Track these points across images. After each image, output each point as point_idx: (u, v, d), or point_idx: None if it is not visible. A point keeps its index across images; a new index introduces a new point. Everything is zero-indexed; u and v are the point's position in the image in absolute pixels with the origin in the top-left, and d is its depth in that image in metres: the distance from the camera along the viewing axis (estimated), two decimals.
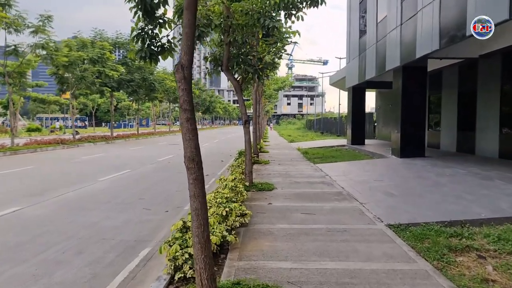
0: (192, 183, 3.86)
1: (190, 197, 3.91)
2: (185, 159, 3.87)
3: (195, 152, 3.85)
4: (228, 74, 10.16)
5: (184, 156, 3.87)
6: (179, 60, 3.99)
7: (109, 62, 29.22)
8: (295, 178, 12.61)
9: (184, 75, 3.86)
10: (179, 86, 3.85)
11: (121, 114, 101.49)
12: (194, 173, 3.85)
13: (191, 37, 3.90)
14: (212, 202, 6.74)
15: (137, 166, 16.64)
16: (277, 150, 25.05)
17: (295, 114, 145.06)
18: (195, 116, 4.02)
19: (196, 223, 3.80)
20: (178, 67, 3.88)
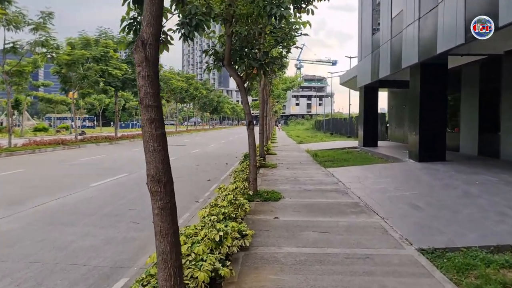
0: (158, 213, 2.71)
1: (155, 235, 2.77)
2: (148, 179, 2.73)
3: (163, 169, 2.71)
4: (230, 69, 9.01)
5: (147, 174, 2.73)
6: (140, 34, 2.85)
7: (113, 61, 28.20)
8: (305, 185, 11.42)
9: (146, 55, 2.73)
10: (138, 71, 2.74)
11: (130, 114, 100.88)
12: (161, 199, 2.71)
13: (158, 0, 2.76)
14: (205, 221, 5.58)
15: (135, 170, 15.55)
16: (285, 152, 23.86)
17: (304, 114, 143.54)
18: (162, 117, 2.88)
19: (163, 273, 2.65)
20: (138, 43, 2.74)
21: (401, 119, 29.54)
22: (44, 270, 5.23)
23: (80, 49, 26.50)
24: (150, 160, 2.74)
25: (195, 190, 11.35)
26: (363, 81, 25.24)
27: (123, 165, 17.26)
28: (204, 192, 10.99)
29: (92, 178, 13.11)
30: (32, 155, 21.19)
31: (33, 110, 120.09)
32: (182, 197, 10.24)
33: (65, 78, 27.60)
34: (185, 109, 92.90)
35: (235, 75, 9.11)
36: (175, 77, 44.29)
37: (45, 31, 20.76)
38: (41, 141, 24.67)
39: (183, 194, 10.76)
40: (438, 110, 16.02)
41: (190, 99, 60.31)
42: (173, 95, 47.67)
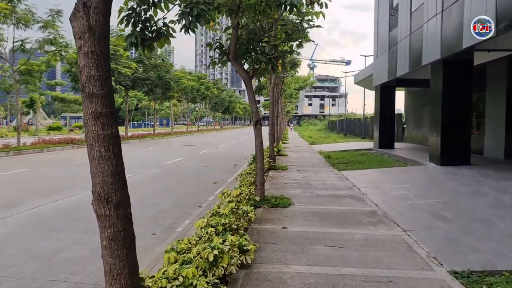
0: (107, 246, 2.01)
1: (104, 275, 2.01)
2: (93, 198, 1.96)
3: (114, 183, 1.97)
4: (236, 64, 8.23)
5: (92, 191, 1.96)
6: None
7: (122, 59, 27.65)
8: (317, 190, 10.58)
9: (89, 23, 1.99)
10: (79, 46, 2.00)
11: (142, 113, 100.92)
12: (111, 226, 1.99)
13: None
14: (201, 233, 4.81)
15: (140, 170, 14.87)
16: (297, 154, 23.01)
17: (317, 115, 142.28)
18: (114, 110, 2.12)
19: None
20: (78, 7, 1.97)
21: (419, 120, 28.48)
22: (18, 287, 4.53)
23: None
24: (95, 171, 2.01)
25: (199, 193, 10.61)
26: (379, 80, 24.26)
27: (129, 165, 16.44)
28: (209, 196, 10.23)
29: None
30: (39, 154, 20.73)
31: (49, 109, 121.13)
32: (185, 201, 9.52)
33: (75, 77, 27.13)
34: (197, 109, 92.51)
35: (241, 70, 8.33)
36: (186, 76, 43.65)
37: (53, 29, 20.29)
38: (50, 140, 24.27)
39: (186, 197, 10.05)
40: (462, 110, 15.03)
41: (201, 99, 59.72)
42: (184, 95, 47.05)
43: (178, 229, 7.07)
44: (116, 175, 2.06)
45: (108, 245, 2.01)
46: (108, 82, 2.11)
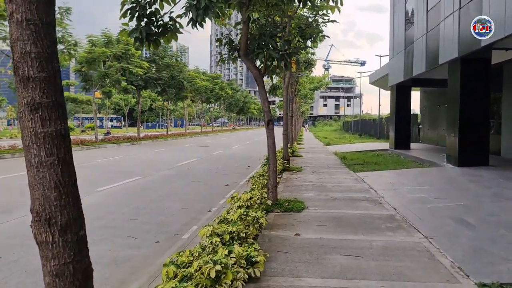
0: (50, 283, 1.53)
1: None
2: (32, 218, 1.60)
3: (58, 199, 1.57)
4: (246, 60, 7.88)
5: (31, 209, 1.61)
6: None
7: (134, 59, 27.51)
8: (332, 193, 10.17)
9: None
10: (10, 13, 1.63)
11: (157, 114, 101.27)
12: (55, 257, 1.60)
13: None
14: (205, 243, 4.46)
15: (150, 172, 14.62)
16: (311, 154, 22.56)
17: (332, 115, 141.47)
18: (61, 100, 1.76)
19: None
20: None
21: (435, 120, 27.80)
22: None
23: (101, 47, 25.89)
24: (34, 183, 1.63)
25: (210, 197, 10.28)
26: (395, 80, 23.69)
27: (139, 167, 16.38)
28: (220, 199, 9.89)
29: (100, 182, 12.22)
30: None
31: (70, 110, 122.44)
32: (194, 205, 9.20)
33: (86, 76, 27.10)
34: (211, 109, 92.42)
35: (252, 67, 7.97)
36: (199, 76, 43.43)
37: (62, 27, 20.12)
38: None
39: (196, 201, 9.72)
40: (480, 109, 14.46)
41: (215, 99, 59.54)
42: (198, 95, 46.87)
43: (184, 236, 6.74)
44: (63, 188, 1.64)
45: (52, 283, 1.59)
46: (52, 62, 1.72)
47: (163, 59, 33.25)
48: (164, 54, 33.59)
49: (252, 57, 7.96)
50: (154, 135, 40.44)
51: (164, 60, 33.28)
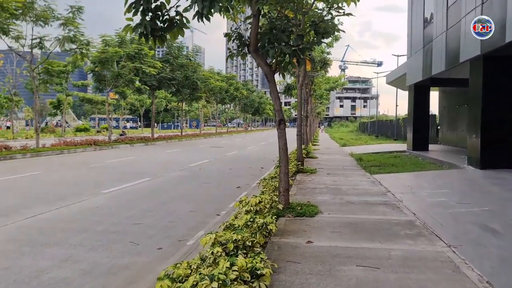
0: None
1: None
2: None
3: None
4: (256, 56, 7.48)
5: None
6: None
7: (147, 59, 27.33)
8: (348, 196, 9.70)
9: None
10: None
11: (172, 115, 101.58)
12: None
13: None
14: (205, 254, 4.07)
15: (160, 173, 14.33)
16: (327, 156, 22.05)
17: (348, 116, 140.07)
18: None
19: None
20: None
21: (454, 121, 26.99)
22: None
23: (115, 47, 25.78)
24: None
25: (220, 199, 9.91)
26: (413, 79, 23.03)
27: (150, 168, 16.12)
28: (230, 202, 9.51)
29: (108, 183, 11.95)
30: (58, 156, 20.39)
31: (80, 111, 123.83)
32: (203, 208, 8.84)
33: (99, 76, 27.03)
34: (227, 110, 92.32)
35: (262, 63, 7.56)
36: (214, 76, 43.16)
37: (74, 26, 19.98)
38: (72, 142, 23.94)
39: (205, 204, 9.36)
40: (505, 108, 13.83)
41: (230, 100, 59.29)
42: (212, 96, 46.63)
43: (189, 242, 6.36)
44: None
45: None
46: None
47: (177, 59, 33.06)
48: (178, 54, 33.40)
49: (262, 53, 7.56)
50: (168, 135, 40.32)
51: (178, 60, 33.08)
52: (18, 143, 22.64)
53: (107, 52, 25.11)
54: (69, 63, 40.67)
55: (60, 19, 19.85)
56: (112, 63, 26.08)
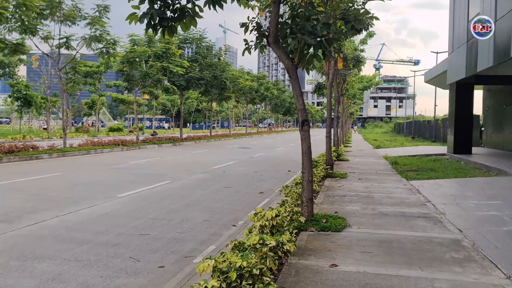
0: None
1: None
2: None
3: None
4: (277, 48, 6.57)
5: None
6: None
7: (174, 58, 26.83)
8: (381, 206, 8.64)
9: None
10: None
11: (204, 115, 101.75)
12: None
13: None
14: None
15: (182, 176, 13.62)
16: (359, 158, 20.86)
17: (382, 117, 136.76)
18: None
19: None
20: None
21: (500, 122, 25.12)
22: None
23: (143, 46, 25.42)
24: None
25: (239, 207, 9.07)
26: (455, 77, 21.45)
27: (171, 170, 15.44)
28: (250, 210, 8.64)
29: (126, 185, 11.32)
30: (83, 157, 19.97)
31: (117, 111, 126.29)
32: (219, 217, 8.01)
33: (128, 76, 26.76)
34: (259, 110, 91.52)
35: (284, 56, 6.64)
36: (243, 76, 42.44)
37: (100, 25, 19.63)
38: (99, 142, 23.66)
39: (222, 211, 8.52)
40: None
41: (260, 100, 58.46)
42: (242, 95, 45.95)
43: (196, 260, 5.52)
44: None
45: None
46: None
47: (206, 58, 32.50)
48: (207, 53, 32.85)
49: (283, 45, 6.65)
50: (197, 136, 39.89)
51: (207, 59, 32.51)
52: (46, 143, 22.51)
53: (135, 51, 24.77)
54: (101, 64, 41.02)
55: (87, 18, 19.55)
56: (140, 63, 25.76)
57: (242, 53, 6.86)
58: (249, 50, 6.80)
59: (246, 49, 6.78)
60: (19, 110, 39.78)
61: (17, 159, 16.51)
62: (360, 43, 26.51)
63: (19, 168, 14.92)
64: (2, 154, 16.04)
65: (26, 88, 36.52)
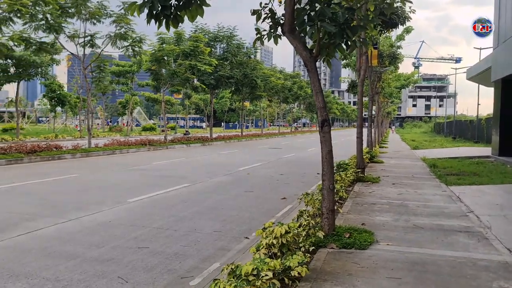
0: None
1: None
2: None
3: None
4: (293, 38, 5.75)
5: None
6: None
7: (203, 56, 26.27)
8: (416, 217, 7.64)
9: None
10: None
11: (238, 115, 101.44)
12: None
13: None
14: None
15: (202, 178, 12.98)
16: (394, 160, 19.63)
17: (422, 116, 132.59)
18: None
19: None
20: None
21: None
22: None
23: (171, 44, 25.05)
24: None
25: (256, 215, 8.29)
26: (501, 73, 19.83)
27: (193, 171, 14.84)
28: (268, 219, 7.84)
29: (140, 189, 10.75)
30: (107, 157, 19.63)
31: (153, 110, 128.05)
32: (232, 227, 7.27)
33: (157, 75, 26.47)
34: (293, 110, 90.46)
35: (301, 47, 5.80)
36: (275, 74, 41.59)
37: (125, 22, 19.26)
38: (126, 142, 23.31)
39: (236, 220, 7.77)
40: None
41: (293, 99, 57.41)
42: (275, 94, 45.13)
43: (193, 282, 4.79)
44: None
45: None
46: None
47: (236, 56, 31.86)
48: (238, 51, 32.19)
49: (300, 34, 5.81)
50: (228, 135, 39.35)
51: (237, 57, 31.86)
52: (72, 143, 22.44)
53: (163, 50, 24.42)
54: (134, 63, 41.21)
55: (113, 16, 19.22)
56: (169, 61, 25.43)
57: (253, 44, 6.06)
58: (261, 41, 6.00)
59: (257, 39, 5.98)
60: (53, 109, 40.53)
61: (38, 159, 16.31)
62: (396, 39, 25.20)
63: (38, 169, 14.64)
64: (24, 154, 15.87)
65: (59, 88, 37.07)
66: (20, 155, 15.77)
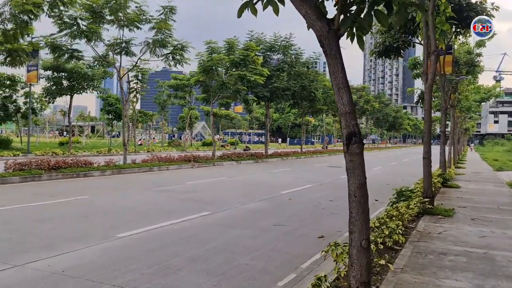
0: None
1: None
2: None
3: None
4: (301, 3, 3.52)
5: None
6: None
7: (254, 66, 24.35)
8: (508, 280, 4.99)
9: None
10: None
11: (305, 130, 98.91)
12: None
13: None
14: None
15: (232, 204, 10.91)
16: (474, 184, 16.36)
17: (504, 133, 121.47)
18: None
19: None
20: None
21: None
22: None
23: (220, 54, 23.50)
24: None
25: (273, 265, 6.04)
26: None
27: (226, 194, 12.74)
28: (287, 274, 5.59)
29: (147, 218, 8.85)
30: (140, 174, 18.02)
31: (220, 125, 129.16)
32: (236, 283, 5.10)
33: (206, 87, 25.01)
34: (361, 125, 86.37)
35: (313, 15, 3.56)
36: None
37: (165, 28, 17.81)
38: (167, 158, 21.59)
39: (240, 276, 5.54)
40: None
41: (360, 114, 54.04)
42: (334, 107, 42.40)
43: None
44: None
45: None
46: None
47: (293, 67, 29.68)
48: (295, 61, 30.01)
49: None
50: (285, 152, 36.98)
51: (295, 68, 29.67)
52: (116, 157, 21.23)
53: (211, 59, 22.91)
54: (192, 76, 40.51)
55: (152, 21, 17.90)
56: (218, 72, 23.91)
57: (238, 13, 3.86)
58: (252, 8, 3.81)
59: (245, 3, 3.81)
60: (109, 123, 40.72)
61: (60, 176, 14.92)
62: (475, 46, 21.87)
63: (52, 187, 13.06)
64: (44, 171, 14.57)
65: (116, 101, 37.01)
66: (39, 171, 14.38)
